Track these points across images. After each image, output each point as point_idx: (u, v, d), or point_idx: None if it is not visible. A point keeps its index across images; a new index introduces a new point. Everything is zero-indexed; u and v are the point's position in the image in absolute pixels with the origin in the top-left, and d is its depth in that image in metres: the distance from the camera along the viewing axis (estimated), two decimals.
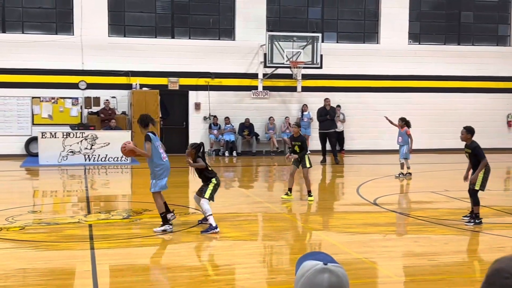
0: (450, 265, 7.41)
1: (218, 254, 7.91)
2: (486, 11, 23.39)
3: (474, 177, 9.48)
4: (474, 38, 23.29)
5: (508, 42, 23.52)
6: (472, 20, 23.32)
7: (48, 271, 6.94)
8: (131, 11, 20.98)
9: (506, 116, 23.15)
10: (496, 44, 23.45)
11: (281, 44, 20.15)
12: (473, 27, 23.32)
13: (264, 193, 13.50)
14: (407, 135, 15.18)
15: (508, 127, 23.13)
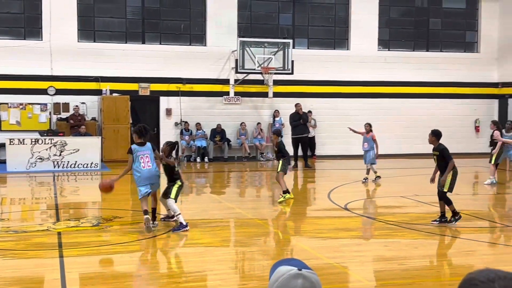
0: (420, 269, 7.50)
1: (189, 261, 7.86)
2: (454, 18, 23.79)
3: (444, 178, 9.72)
4: (443, 45, 23.65)
5: (475, 48, 23.94)
6: (440, 27, 23.68)
7: (16, 280, 6.82)
8: (101, 16, 20.80)
9: (474, 121, 23.54)
10: (464, 51, 23.84)
11: (252, 50, 20.19)
12: (441, 33, 23.68)
13: (236, 199, 13.48)
14: (373, 140, 15.32)
15: (476, 132, 23.51)
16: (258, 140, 21.38)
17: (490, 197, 13.96)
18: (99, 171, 17.67)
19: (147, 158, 9.32)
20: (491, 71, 23.71)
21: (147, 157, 9.33)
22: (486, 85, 23.59)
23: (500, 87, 23.55)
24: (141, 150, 9.34)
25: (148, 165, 9.29)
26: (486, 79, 23.62)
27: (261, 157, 21.44)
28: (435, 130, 10.10)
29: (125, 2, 20.96)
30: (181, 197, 13.32)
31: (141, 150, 9.35)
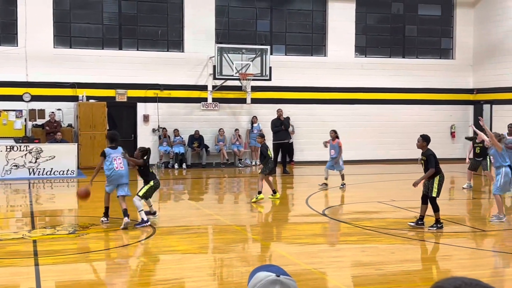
0: (397, 274, 7.54)
1: (167, 268, 7.81)
2: (430, 25, 24.06)
3: (418, 181, 10.00)
4: (418, 51, 23.90)
5: (451, 55, 24.23)
6: (416, 34, 23.93)
7: None
8: (77, 22, 20.64)
9: (449, 127, 23.79)
10: (439, 57, 24.12)
11: (230, 56, 20.20)
12: (417, 40, 23.93)
13: (214, 206, 13.45)
14: (339, 147, 15.38)
15: (452, 138, 23.77)
16: (236, 146, 21.36)
17: (466, 202, 14.11)
18: (76, 178, 17.50)
19: (120, 160, 10.51)
20: (466, 77, 24.02)
21: (119, 159, 10.51)
22: (461, 91, 23.88)
23: (475, 93, 23.86)
24: (114, 153, 10.51)
25: (121, 166, 10.49)
26: (461, 85, 23.91)
27: (239, 163, 21.42)
28: (424, 135, 10.26)
29: (102, 8, 20.84)
30: (159, 204, 13.28)
31: (114, 152, 10.51)
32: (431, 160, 9.88)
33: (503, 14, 22.32)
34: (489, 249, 8.91)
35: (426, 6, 24.00)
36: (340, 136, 22.24)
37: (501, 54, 22.38)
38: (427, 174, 9.93)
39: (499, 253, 8.63)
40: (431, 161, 9.86)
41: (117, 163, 10.42)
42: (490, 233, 10.13)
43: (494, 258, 8.49)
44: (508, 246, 9.07)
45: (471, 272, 7.63)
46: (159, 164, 20.70)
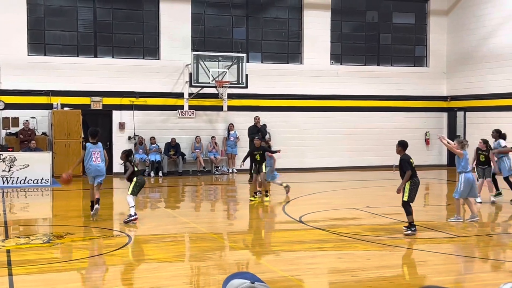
0: (373, 280, 7.59)
1: (143, 277, 7.75)
2: (404, 33, 24.34)
3: (399, 187, 10.22)
4: (393, 59, 24.15)
5: (425, 63, 24.53)
6: (390, 42, 24.19)
7: None
8: (51, 29, 20.47)
9: (424, 134, 24.05)
10: (413, 65, 24.39)
11: (206, 64, 20.19)
12: (391, 48, 24.19)
13: (191, 213, 13.40)
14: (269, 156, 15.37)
15: (426, 145, 24.02)
16: (213, 154, 21.32)
17: (441, 208, 14.25)
18: (50, 187, 17.29)
19: (98, 155, 11.71)
20: (440, 85, 24.33)
21: (98, 154, 11.70)
22: (435, 98, 24.18)
23: (449, 100, 24.17)
24: (94, 148, 11.70)
25: (98, 160, 11.72)
26: (435, 92, 24.21)
27: (216, 170, 21.38)
28: (401, 140, 10.62)
29: (77, 16, 20.69)
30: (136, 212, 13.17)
31: (94, 147, 11.71)
32: (404, 164, 10.19)
33: (476, 22, 22.68)
34: (464, 255, 9.01)
35: (401, 14, 24.29)
36: (316, 143, 22.48)
37: (474, 62, 22.72)
38: (405, 179, 10.16)
39: (473, 259, 8.73)
40: (404, 165, 10.19)
41: (96, 157, 11.67)
42: (465, 239, 10.25)
43: (469, 264, 8.59)
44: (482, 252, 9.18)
45: (446, 278, 7.71)
46: None
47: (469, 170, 11.47)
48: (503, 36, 21.33)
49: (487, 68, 22.06)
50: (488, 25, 22.10)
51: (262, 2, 22.76)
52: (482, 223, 11.79)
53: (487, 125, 22.15)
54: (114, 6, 21.05)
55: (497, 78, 21.60)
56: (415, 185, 10.29)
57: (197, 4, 21.54)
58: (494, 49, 21.73)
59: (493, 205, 13.75)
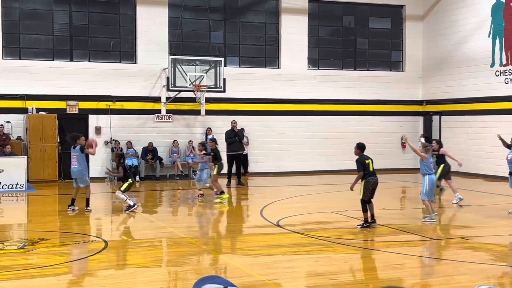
0: (350, 283, 7.63)
1: (120, 282, 7.69)
2: (380, 38, 24.55)
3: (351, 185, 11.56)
4: (369, 64, 24.35)
5: (401, 67, 24.76)
6: (367, 47, 24.39)
7: None
8: (27, 33, 20.25)
9: (400, 138, 24.25)
10: (389, 70, 24.61)
11: (184, 68, 20.14)
12: (368, 53, 24.38)
13: (168, 218, 13.33)
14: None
15: (403, 149, 24.22)
16: (191, 158, 21.25)
17: (417, 212, 14.37)
18: (25, 192, 17.08)
19: (74, 159, 12.86)
20: (416, 89, 24.58)
21: (74, 158, 12.86)
22: (411, 102, 24.42)
23: (424, 104, 24.43)
24: (72, 152, 13.08)
25: (74, 164, 12.89)
26: (411, 97, 24.46)
27: (193, 175, 21.31)
28: (358, 142, 11.77)
29: (52, 19, 20.50)
30: (112, 217, 13.10)
31: (72, 151, 13.06)
32: (357, 165, 11.37)
33: (451, 27, 22.97)
34: (440, 258, 9.09)
35: (377, 19, 24.51)
36: (294, 147, 22.53)
37: (449, 67, 23.01)
38: (356, 179, 11.32)
39: (449, 261, 8.82)
40: (358, 166, 11.36)
41: (73, 161, 12.93)
42: (441, 242, 10.35)
43: (445, 267, 8.67)
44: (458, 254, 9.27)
45: (422, 280, 7.78)
46: (111, 177, 20.38)
47: (433, 172, 12.15)
48: (478, 41, 21.64)
49: (462, 72, 22.35)
50: (463, 30, 22.40)
51: (239, 6, 22.80)
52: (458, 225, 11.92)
53: (462, 129, 22.47)
54: (90, 10, 20.90)
55: (472, 82, 21.90)
56: (368, 184, 11.22)
57: (174, 8, 21.49)
58: (469, 54, 22.03)
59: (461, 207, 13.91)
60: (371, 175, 11.29)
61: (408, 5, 24.41)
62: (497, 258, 9.27)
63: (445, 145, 23.41)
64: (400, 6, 24.49)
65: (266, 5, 22.95)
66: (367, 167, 11.28)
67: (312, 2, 23.18)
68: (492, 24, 21.09)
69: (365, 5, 24.06)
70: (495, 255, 9.51)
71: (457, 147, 22.44)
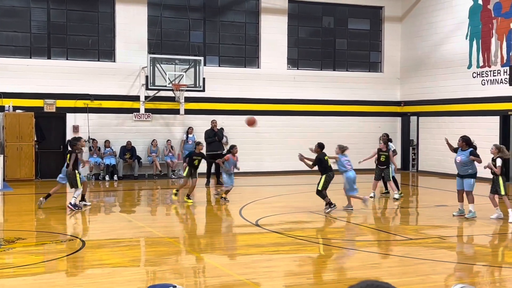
0: (328, 282, 7.67)
1: (97, 282, 7.63)
2: (359, 39, 24.71)
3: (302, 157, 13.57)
4: (348, 64, 24.48)
5: (379, 68, 24.94)
6: (346, 47, 24.51)
7: None
8: (4, 30, 20.00)
9: (378, 138, 24.36)
10: (368, 70, 24.78)
11: (163, 67, 20.05)
12: (347, 53, 24.51)
13: (147, 218, 13.27)
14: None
15: None
16: (170, 158, 21.18)
17: (394, 211, 14.50)
18: (1, 191, 16.87)
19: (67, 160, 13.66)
20: (394, 90, 24.77)
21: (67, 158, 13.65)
22: (389, 103, 24.61)
23: (402, 105, 24.64)
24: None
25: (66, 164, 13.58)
26: (389, 97, 24.65)
27: (172, 174, 21.25)
28: (319, 142, 13.59)
29: (30, 17, 20.28)
30: (89, 217, 13.02)
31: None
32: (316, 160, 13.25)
33: (429, 29, 23.19)
34: (416, 257, 9.18)
35: (356, 20, 24.65)
36: (273, 147, 22.56)
37: (427, 68, 23.23)
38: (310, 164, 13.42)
39: (426, 261, 8.91)
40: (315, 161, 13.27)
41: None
42: (417, 241, 10.46)
43: (421, 266, 8.76)
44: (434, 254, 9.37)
45: (399, 280, 7.85)
46: (89, 176, 20.25)
47: (347, 169, 13.26)
48: (455, 43, 21.88)
49: (440, 74, 22.58)
50: (441, 32, 22.63)
51: (219, 5, 22.77)
52: (435, 225, 12.04)
53: (439, 130, 22.69)
54: (69, 7, 20.72)
55: (449, 84, 22.14)
56: (329, 178, 13.08)
57: (153, 6, 21.40)
58: (446, 56, 22.27)
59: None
60: (330, 170, 13.14)
61: (387, 7, 24.60)
62: (473, 258, 9.39)
63: (422, 145, 23.76)
64: (379, 7, 24.67)
65: (246, 4, 22.96)
66: (325, 163, 13.17)
67: (291, 3, 23.25)
68: (470, 26, 21.35)
69: (344, 6, 24.19)
70: (471, 254, 9.63)
71: (434, 148, 22.69)
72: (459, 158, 12.52)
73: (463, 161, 12.42)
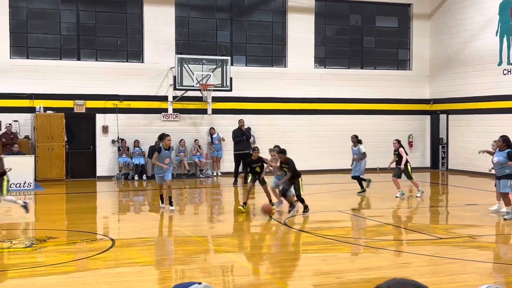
0: (357, 282, 7.63)
1: (127, 281, 7.72)
2: (387, 36, 24.50)
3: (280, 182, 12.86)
4: (376, 62, 24.30)
5: (407, 66, 24.70)
6: (374, 45, 24.34)
7: None
8: (34, 32, 20.33)
9: (407, 136, 24.20)
10: (396, 68, 24.56)
11: (190, 67, 20.16)
12: (375, 51, 24.33)
13: (175, 217, 13.35)
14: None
15: (410, 148, 24.16)
16: (198, 157, 21.29)
17: (424, 211, 14.35)
18: (33, 190, 17.16)
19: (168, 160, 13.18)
20: (423, 88, 24.51)
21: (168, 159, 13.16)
22: (418, 101, 24.36)
23: (431, 103, 24.37)
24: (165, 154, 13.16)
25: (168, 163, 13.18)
26: (418, 95, 24.39)
27: (200, 174, 21.36)
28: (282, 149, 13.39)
29: (59, 19, 20.58)
30: (119, 216, 13.13)
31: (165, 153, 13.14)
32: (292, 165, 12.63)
33: (458, 26, 22.90)
34: (447, 256, 9.08)
35: (384, 18, 24.45)
36: (300, 146, 22.48)
37: (456, 65, 22.94)
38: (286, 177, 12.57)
39: (456, 260, 8.81)
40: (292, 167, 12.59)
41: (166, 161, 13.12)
42: (447, 241, 10.34)
43: (451, 265, 8.66)
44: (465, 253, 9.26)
45: (429, 279, 7.76)
46: (119, 175, 20.48)
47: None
48: (485, 39, 21.56)
49: (469, 71, 22.28)
50: (470, 28, 22.32)
51: (246, 5, 22.80)
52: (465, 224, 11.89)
53: (469, 128, 22.40)
54: (98, 9, 20.97)
55: (479, 81, 21.82)
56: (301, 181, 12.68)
57: (181, 7, 21.53)
58: (476, 52, 21.95)
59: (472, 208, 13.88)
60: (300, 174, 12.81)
61: (415, 4, 24.35)
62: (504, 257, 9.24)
63: (452, 144, 23.46)
64: (407, 4, 24.43)
65: (273, 4, 22.95)
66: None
67: (318, 1, 23.17)
68: (500, 23, 21.01)
69: (372, 4, 24.02)
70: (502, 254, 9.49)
71: (464, 146, 22.41)
72: (496, 159, 12.29)
73: (499, 162, 12.17)
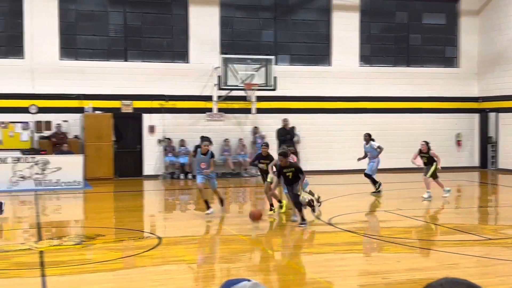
0: (403, 282, 7.53)
1: (173, 278, 7.82)
2: (434, 33, 24.09)
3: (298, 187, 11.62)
4: (423, 60, 23.91)
5: (455, 63, 24.23)
6: (420, 43, 23.96)
7: None
8: (82, 34, 20.78)
9: (455, 135, 23.75)
10: (443, 66, 24.12)
11: (235, 67, 20.26)
12: (421, 49, 23.94)
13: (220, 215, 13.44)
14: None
15: (458, 147, 23.72)
16: (242, 156, 21.37)
17: (472, 211, 14.06)
18: (82, 189, 17.55)
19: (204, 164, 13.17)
20: (471, 85, 24.00)
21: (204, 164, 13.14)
22: (466, 99, 23.85)
23: (480, 101, 23.84)
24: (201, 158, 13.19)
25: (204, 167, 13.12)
26: (466, 93, 23.89)
27: (245, 173, 21.44)
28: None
29: (107, 20, 20.98)
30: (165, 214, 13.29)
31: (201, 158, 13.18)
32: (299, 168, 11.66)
33: (507, 22, 22.34)
34: (496, 257, 8.88)
35: (430, 15, 24.05)
36: (345, 145, 22.30)
37: (506, 63, 22.38)
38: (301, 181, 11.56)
39: (506, 261, 8.61)
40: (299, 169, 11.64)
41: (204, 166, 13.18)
42: (496, 241, 10.11)
43: (501, 267, 8.47)
44: None
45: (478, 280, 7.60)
46: (165, 174, 20.74)
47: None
48: None
49: None
50: None
51: (290, 4, 22.77)
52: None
53: None
54: (144, 11, 21.29)
55: None
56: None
57: (225, 7, 21.66)
58: None
59: None
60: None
61: (463, 0, 23.86)
62: None
63: (503, 143, 22.89)
64: (455, 1, 23.97)
65: (317, 2, 22.85)
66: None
67: None
68: None
69: (418, 1, 23.65)
70: None
71: None
72: None
73: None
